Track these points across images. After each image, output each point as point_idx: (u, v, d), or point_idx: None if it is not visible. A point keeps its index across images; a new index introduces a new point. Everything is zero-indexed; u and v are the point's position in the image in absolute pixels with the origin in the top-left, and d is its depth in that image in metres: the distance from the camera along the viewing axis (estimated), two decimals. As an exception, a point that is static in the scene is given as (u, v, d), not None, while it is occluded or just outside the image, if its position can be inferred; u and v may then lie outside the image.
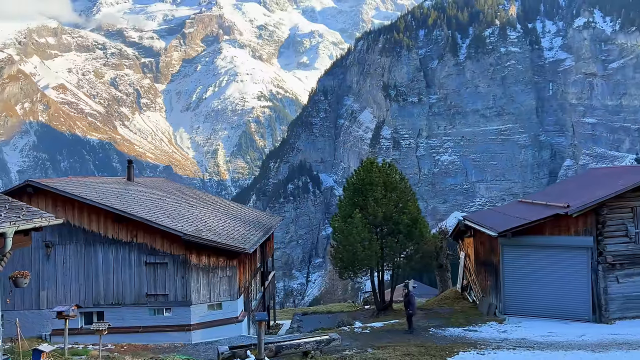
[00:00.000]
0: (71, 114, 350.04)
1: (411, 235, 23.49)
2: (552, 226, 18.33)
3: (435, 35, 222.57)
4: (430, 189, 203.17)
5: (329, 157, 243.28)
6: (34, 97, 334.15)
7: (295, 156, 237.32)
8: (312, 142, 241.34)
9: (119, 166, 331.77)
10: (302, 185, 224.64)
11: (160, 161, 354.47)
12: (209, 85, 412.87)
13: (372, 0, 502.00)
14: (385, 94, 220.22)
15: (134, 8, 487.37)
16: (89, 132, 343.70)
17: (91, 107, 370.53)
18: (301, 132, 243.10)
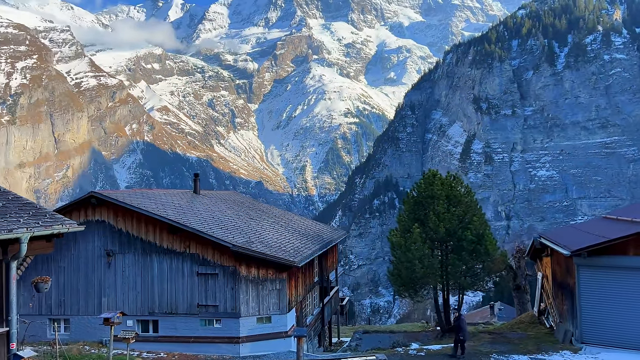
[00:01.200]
0: (173, 134, 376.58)
1: (476, 253, 21.87)
2: (637, 245, 16.00)
3: (530, 44, 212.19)
4: (526, 206, 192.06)
5: (416, 173, 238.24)
6: (141, 118, 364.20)
7: (381, 172, 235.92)
8: (399, 157, 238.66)
9: (214, 182, 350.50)
10: (388, 200, 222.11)
11: (252, 177, 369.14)
12: (298, 104, 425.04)
13: (461, 13, 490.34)
14: (476, 106, 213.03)
15: (229, 33, 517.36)
16: (188, 150, 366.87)
17: (190, 127, 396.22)
18: (387, 148, 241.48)
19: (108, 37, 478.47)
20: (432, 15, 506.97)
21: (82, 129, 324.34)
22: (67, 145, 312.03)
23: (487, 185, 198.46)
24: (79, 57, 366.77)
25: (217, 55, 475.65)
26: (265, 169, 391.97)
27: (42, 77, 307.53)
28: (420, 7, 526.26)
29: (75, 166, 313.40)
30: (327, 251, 24.43)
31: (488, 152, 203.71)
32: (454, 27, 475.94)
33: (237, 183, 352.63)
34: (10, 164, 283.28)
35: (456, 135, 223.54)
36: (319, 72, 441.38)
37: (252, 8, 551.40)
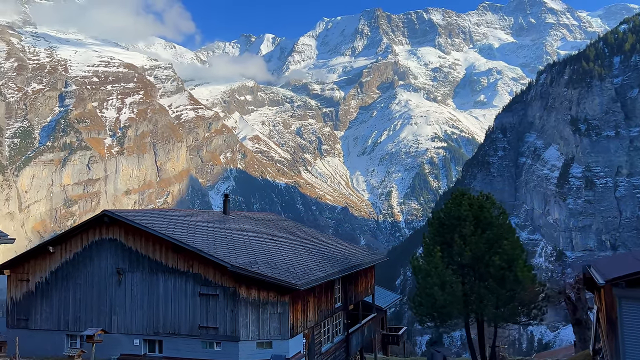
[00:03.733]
0: (263, 161, 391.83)
1: (504, 280, 19.69)
2: None
3: (635, 61, 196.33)
4: (634, 235, 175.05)
5: (509, 199, 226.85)
6: (234, 147, 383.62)
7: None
8: (490, 182, 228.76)
9: (301, 207, 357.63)
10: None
11: (337, 203, 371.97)
12: (384, 130, 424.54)
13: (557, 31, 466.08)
14: (574, 128, 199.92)
15: (317, 63, 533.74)
16: (277, 177, 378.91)
17: (280, 155, 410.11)
18: (477, 172, 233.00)
19: (205, 72, 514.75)
20: (525, 35, 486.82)
21: (181, 158, 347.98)
22: (167, 173, 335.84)
23: (589, 212, 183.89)
24: (180, 92, 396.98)
25: (305, 85, 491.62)
26: (351, 195, 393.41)
27: (147, 111, 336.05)
28: (511, 27, 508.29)
29: (174, 193, 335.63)
30: (356, 275, 23.34)
31: (589, 177, 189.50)
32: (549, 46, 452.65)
33: (323, 209, 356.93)
34: (118, 191, 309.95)
35: (552, 159, 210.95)
36: (405, 98, 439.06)
37: (339, 38, 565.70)
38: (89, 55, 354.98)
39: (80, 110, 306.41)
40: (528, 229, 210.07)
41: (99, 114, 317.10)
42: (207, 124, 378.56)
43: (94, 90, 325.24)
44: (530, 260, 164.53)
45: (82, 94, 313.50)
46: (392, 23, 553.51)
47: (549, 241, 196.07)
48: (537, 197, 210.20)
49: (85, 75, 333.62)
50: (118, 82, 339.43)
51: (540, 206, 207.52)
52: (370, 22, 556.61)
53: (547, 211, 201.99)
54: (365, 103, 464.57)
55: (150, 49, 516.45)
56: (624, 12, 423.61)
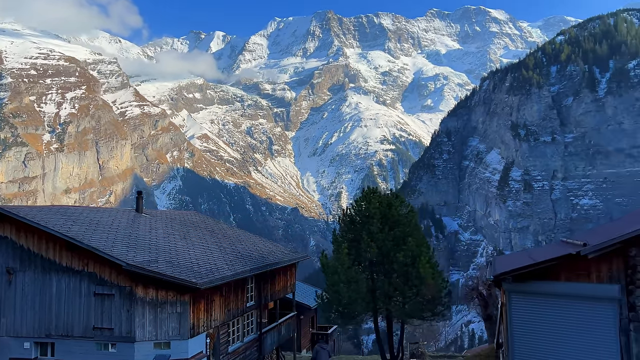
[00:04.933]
0: (212, 161, 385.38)
1: (408, 277, 19.93)
2: (569, 270, 13.65)
3: (570, 70, 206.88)
4: (568, 236, 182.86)
5: (453, 200, 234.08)
6: (182, 146, 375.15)
7: (417, 199, 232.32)
8: (435, 184, 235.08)
9: (251, 208, 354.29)
10: (424, 229, 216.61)
11: (288, 203, 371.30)
12: (335, 131, 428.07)
13: (500, 40, 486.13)
14: (514, 133, 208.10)
15: (268, 63, 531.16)
16: (227, 177, 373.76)
17: (229, 154, 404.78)
18: (423, 175, 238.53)
19: (152, 68, 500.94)
20: (470, 42, 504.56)
21: (125, 156, 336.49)
22: (110, 171, 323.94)
23: (527, 213, 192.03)
24: (125, 88, 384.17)
25: (256, 85, 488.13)
26: (301, 196, 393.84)
27: (90, 107, 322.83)
28: (458, 35, 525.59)
29: (117, 192, 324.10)
30: (273, 274, 23.05)
31: (527, 180, 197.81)
32: (492, 54, 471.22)
33: (273, 209, 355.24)
34: (57, 190, 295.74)
35: (494, 162, 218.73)
36: (355, 100, 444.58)
37: (291, 39, 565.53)
38: (27, 46, 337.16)
39: (16, 104, 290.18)
40: (470, 230, 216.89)
41: (37, 108, 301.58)
42: (154, 122, 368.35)
43: (31, 83, 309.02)
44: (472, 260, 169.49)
45: (18, 87, 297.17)
46: (344, 26, 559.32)
47: (490, 241, 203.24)
48: (479, 199, 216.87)
49: (22, 67, 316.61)
50: (58, 76, 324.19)
51: (482, 208, 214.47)
52: (322, 24, 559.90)
53: (489, 213, 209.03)
54: (317, 104, 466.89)
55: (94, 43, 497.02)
56: (561, 24, 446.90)
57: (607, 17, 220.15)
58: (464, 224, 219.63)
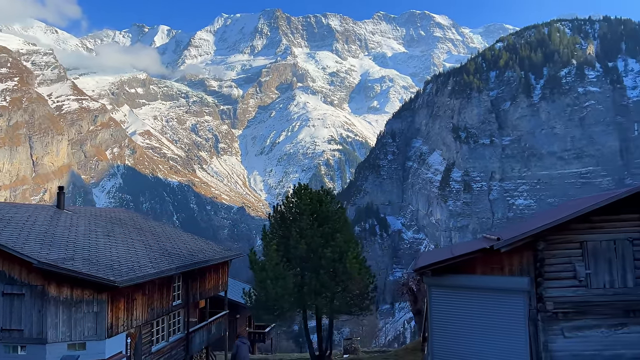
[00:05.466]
0: (154, 158, 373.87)
1: (335, 273, 20.14)
2: (484, 264, 14.52)
3: (507, 76, 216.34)
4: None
5: (397, 200, 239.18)
6: (123, 142, 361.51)
7: (362, 198, 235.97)
8: (380, 184, 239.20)
9: (195, 207, 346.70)
10: (369, 228, 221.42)
11: (234, 202, 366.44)
12: (282, 130, 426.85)
13: (443, 45, 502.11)
14: (455, 135, 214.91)
15: (215, 59, 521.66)
16: (170, 175, 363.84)
17: (173, 152, 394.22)
18: (369, 175, 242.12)
19: (92, 61, 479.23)
20: (415, 46, 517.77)
21: (62, 152, 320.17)
22: (45, 168, 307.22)
23: (466, 213, 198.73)
24: (61, 80, 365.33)
25: (201, 81, 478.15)
26: (248, 195, 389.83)
27: (22, 100, 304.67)
28: (403, 38, 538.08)
29: (52, 190, 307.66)
30: (203, 272, 22.65)
31: (467, 181, 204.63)
32: (436, 58, 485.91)
33: (218, 208, 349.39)
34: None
35: (436, 164, 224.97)
36: (303, 100, 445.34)
37: (238, 36, 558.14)
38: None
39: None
40: (413, 229, 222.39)
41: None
42: (93, 117, 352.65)
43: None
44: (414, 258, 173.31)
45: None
46: (292, 25, 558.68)
47: (431, 240, 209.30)
48: (421, 198, 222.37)
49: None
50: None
51: (425, 207, 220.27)
52: (270, 22, 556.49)
53: (430, 212, 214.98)
54: (264, 103, 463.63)
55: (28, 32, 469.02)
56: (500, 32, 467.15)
57: (542, 27, 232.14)
58: (407, 222, 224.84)
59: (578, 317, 13.79)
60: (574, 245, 14.10)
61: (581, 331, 13.65)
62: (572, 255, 14.08)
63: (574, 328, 13.70)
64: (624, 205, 13.91)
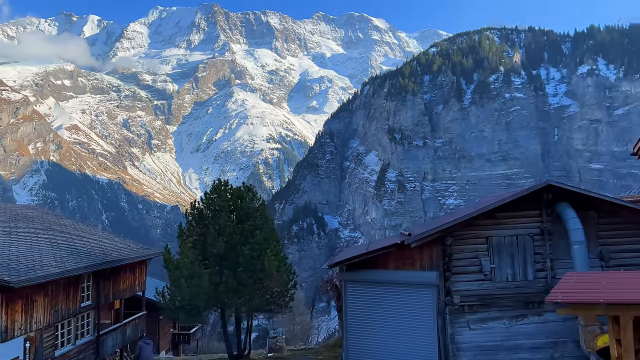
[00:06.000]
0: (82, 154, 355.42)
1: (253, 270, 19.75)
2: (397, 259, 15.00)
3: (440, 80, 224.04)
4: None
5: (334, 199, 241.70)
6: (47, 137, 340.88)
7: (300, 197, 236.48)
8: (318, 183, 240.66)
9: (126, 206, 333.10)
10: (307, 226, 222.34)
11: (168, 201, 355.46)
12: (219, 128, 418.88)
13: (380, 48, 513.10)
14: (391, 137, 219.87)
15: (149, 53, 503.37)
16: (99, 172, 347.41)
17: (102, 148, 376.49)
18: (307, 174, 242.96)
19: (13, 49, 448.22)
20: (353, 48, 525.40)
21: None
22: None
23: (400, 212, 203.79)
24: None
25: (134, 75, 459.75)
26: (182, 193, 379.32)
27: None
28: (342, 39, 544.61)
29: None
30: (117, 271, 21.83)
31: (401, 181, 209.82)
32: (373, 60, 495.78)
33: (150, 207, 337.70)
34: None
35: (372, 164, 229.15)
36: (242, 97, 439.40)
37: (174, 29, 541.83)
38: None
39: None
40: (350, 228, 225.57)
41: None
42: (14, 109, 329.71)
43: None
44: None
45: None
46: (230, 21, 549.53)
47: (367, 238, 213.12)
48: (358, 198, 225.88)
49: None
50: None
51: (361, 206, 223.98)
52: (207, 17, 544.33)
53: (366, 211, 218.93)
54: (201, 99, 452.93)
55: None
56: (434, 37, 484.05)
57: (473, 34, 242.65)
58: (344, 221, 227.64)
59: (483, 309, 14.34)
60: (480, 240, 14.67)
61: (485, 323, 14.21)
62: (478, 250, 14.64)
63: (478, 320, 14.24)
64: (525, 203, 14.59)
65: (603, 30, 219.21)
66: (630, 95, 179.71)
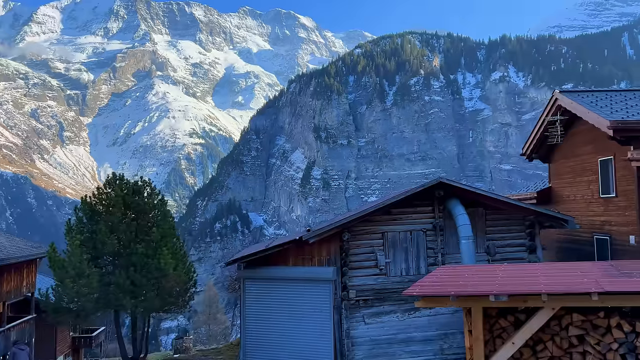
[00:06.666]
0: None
1: (148, 269, 18.81)
2: (296, 255, 14.98)
3: (364, 81, 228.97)
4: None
5: (260, 196, 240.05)
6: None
7: (224, 194, 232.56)
8: (243, 180, 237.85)
9: (34, 202, 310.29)
10: (231, 224, 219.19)
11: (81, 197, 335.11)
12: (139, 121, 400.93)
13: (307, 46, 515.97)
14: (316, 135, 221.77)
15: (61, 39, 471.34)
16: (3, 165, 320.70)
17: (7, 139, 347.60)
18: (232, 170, 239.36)
19: None
20: (280, 45, 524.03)
21: None
22: None
23: (325, 209, 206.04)
24: None
25: (45, 62, 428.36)
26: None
27: None
28: (269, 36, 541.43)
29: None
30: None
31: (326, 179, 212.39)
32: (300, 58, 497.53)
33: (61, 203, 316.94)
34: None
35: (298, 162, 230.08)
36: (163, 89, 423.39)
37: (90, 15, 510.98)
38: None
39: None
40: (274, 225, 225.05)
41: None
42: None
43: None
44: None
45: None
46: (152, 10, 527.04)
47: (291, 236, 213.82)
48: (283, 195, 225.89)
49: None
50: None
51: (286, 204, 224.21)
52: (127, 5, 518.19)
53: (292, 208, 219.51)
54: (119, 90, 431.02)
55: None
56: (360, 38, 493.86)
57: (396, 37, 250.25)
58: (269, 219, 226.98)
59: (378, 303, 14.61)
60: (377, 236, 14.93)
61: (379, 317, 14.48)
62: (374, 246, 14.88)
63: (373, 314, 14.48)
64: (420, 200, 15.03)
65: (514, 40, 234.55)
66: (537, 101, 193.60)
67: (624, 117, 13.59)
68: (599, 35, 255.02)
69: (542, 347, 6.00)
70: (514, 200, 15.25)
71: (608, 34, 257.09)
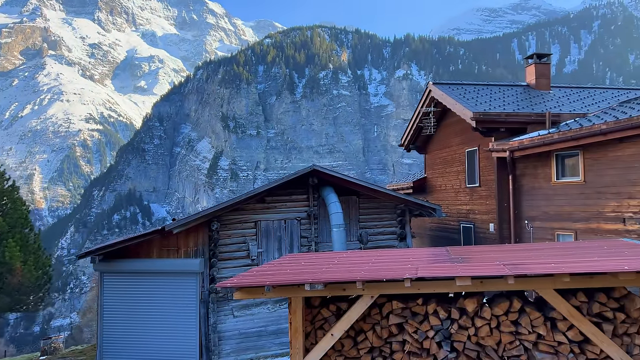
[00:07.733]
0: None
1: None
2: (161, 247, 14.11)
3: (274, 72, 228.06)
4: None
5: (163, 187, 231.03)
6: None
7: (123, 184, 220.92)
8: (144, 169, 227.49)
9: None
10: (131, 215, 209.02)
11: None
12: (27, 103, 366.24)
13: (216, 33, 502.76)
14: (224, 124, 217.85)
15: None
16: None
17: None
18: (132, 159, 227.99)
19: None
20: (187, 30, 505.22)
21: None
22: None
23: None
24: None
25: None
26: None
27: None
28: (175, 19, 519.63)
29: None
30: None
31: (234, 169, 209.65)
32: (208, 45, 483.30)
33: None
34: None
35: (204, 151, 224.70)
36: (56, 70, 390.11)
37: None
38: None
39: None
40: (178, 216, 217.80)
41: None
42: None
43: None
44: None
45: None
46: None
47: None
48: (189, 186, 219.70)
49: None
50: None
51: (191, 195, 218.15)
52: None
53: (197, 199, 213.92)
54: (4, 68, 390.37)
55: None
56: (270, 28, 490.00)
57: (305, 29, 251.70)
58: (173, 210, 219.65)
59: None
60: (249, 225, 14.41)
61: (249, 309, 13.99)
62: (246, 235, 14.35)
63: (243, 307, 13.97)
64: (295, 187, 14.71)
65: (417, 40, 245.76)
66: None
67: (486, 109, 14.19)
68: (492, 40, 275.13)
69: (362, 337, 5.74)
70: (385, 189, 15.46)
71: (500, 39, 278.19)
